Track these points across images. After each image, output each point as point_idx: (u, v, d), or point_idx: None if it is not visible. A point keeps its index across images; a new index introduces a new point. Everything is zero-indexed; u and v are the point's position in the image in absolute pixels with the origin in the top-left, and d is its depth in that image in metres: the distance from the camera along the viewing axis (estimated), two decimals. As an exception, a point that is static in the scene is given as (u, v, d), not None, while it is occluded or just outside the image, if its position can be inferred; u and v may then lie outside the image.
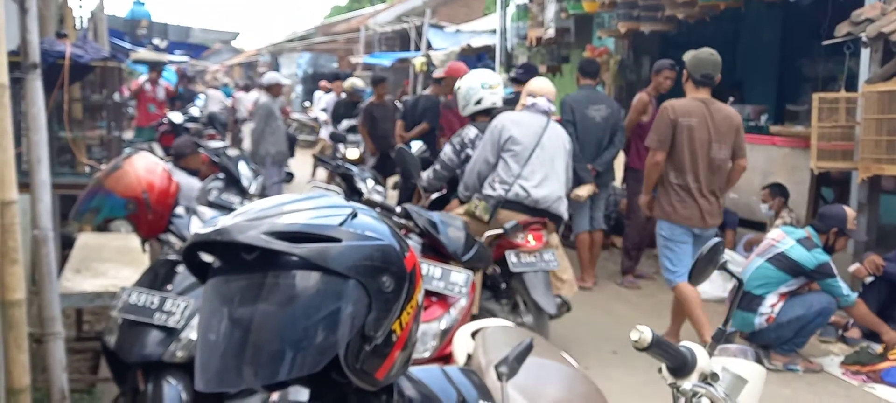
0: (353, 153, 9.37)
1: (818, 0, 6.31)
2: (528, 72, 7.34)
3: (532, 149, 4.77)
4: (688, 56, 5.19)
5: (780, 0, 6.58)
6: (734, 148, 4.97)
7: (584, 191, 6.34)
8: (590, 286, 6.84)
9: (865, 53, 5.77)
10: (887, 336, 5.10)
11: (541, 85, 5.24)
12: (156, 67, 13.31)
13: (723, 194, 5.11)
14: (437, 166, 5.05)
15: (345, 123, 10.52)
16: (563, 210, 4.91)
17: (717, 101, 5.04)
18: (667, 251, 5.08)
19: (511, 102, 6.58)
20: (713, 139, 4.89)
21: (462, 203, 4.83)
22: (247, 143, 11.69)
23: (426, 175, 5.09)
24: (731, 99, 8.47)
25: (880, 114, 5.35)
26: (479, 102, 5.17)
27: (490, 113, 5.15)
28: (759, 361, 1.71)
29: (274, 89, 9.33)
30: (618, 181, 7.69)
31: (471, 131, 5.08)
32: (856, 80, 6.08)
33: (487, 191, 4.71)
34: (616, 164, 7.14)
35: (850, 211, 5.12)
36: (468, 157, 4.94)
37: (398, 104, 10.15)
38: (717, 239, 1.70)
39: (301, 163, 12.73)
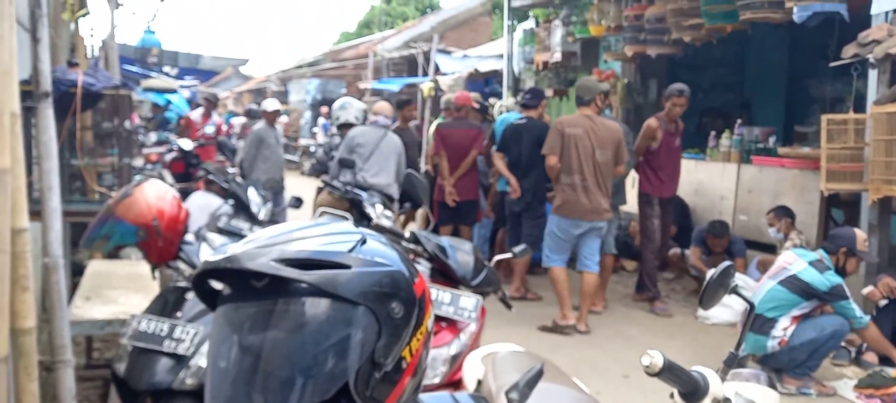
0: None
1: (825, 21, 6.31)
2: (535, 96, 7.56)
3: (372, 151, 6.78)
4: (578, 83, 6.71)
5: (787, 22, 6.58)
6: (615, 155, 6.17)
7: None
8: (600, 310, 6.82)
9: (873, 74, 5.76)
10: None
11: (381, 107, 7.46)
12: (212, 103, 12.99)
13: (608, 193, 6.24)
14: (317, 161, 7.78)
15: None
16: (393, 192, 6.47)
17: (599, 117, 6.28)
18: (551, 240, 6.33)
19: (522, 126, 7.26)
20: (596, 147, 6.09)
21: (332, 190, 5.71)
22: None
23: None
24: (739, 121, 8.47)
25: (889, 135, 5.33)
26: (337, 119, 7.80)
27: (349, 126, 7.48)
28: (771, 385, 1.70)
29: (269, 116, 9.14)
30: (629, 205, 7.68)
31: (336, 139, 7.60)
32: (864, 101, 6.07)
33: (343, 178, 6.26)
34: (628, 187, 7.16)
35: (860, 232, 5.10)
36: (333, 157, 7.18)
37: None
38: (728, 263, 1.70)
39: (310, 187, 12.76)
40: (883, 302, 5.41)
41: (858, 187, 5.81)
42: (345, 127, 7.60)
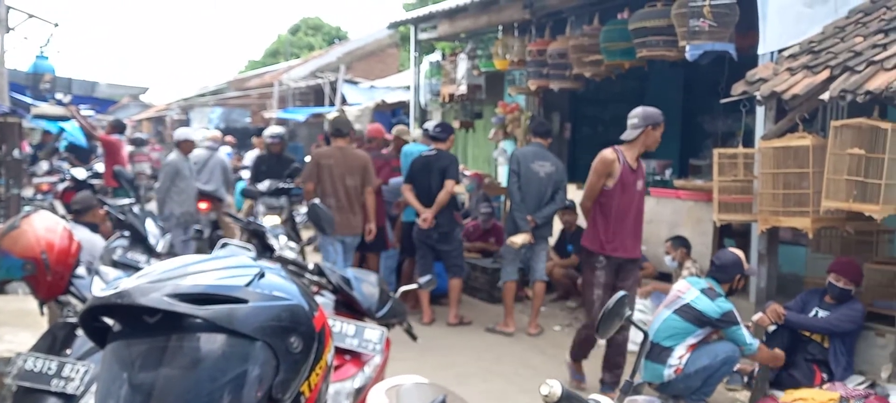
0: (271, 220, 7.87)
1: (716, 60, 6.62)
2: (445, 130, 7.73)
3: (202, 166, 9.25)
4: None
5: (681, 60, 6.88)
6: (362, 179, 7.21)
7: (519, 239, 6.84)
8: (512, 331, 7.08)
9: (760, 111, 6.06)
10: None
11: (211, 134, 10.86)
12: (117, 129, 12.23)
13: (357, 212, 7.18)
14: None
15: (267, 183, 9.13)
16: (220, 195, 9.32)
17: (350, 147, 7.48)
18: (323, 251, 7.14)
19: (432, 158, 7.42)
20: (346, 173, 7.15)
21: None
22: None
23: None
24: (638, 154, 8.76)
25: (776, 169, 5.61)
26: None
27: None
28: (666, 411, 1.75)
29: (184, 146, 8.86)
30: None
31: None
32: (753, 136, 6.38)
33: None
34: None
35: (738, 252, 5.36)
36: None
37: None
38: (622, 293, 1.74)
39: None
40: (772, 328, 5.65)
41: (748, 218, 6.08)
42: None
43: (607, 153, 5.53)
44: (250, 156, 13.06)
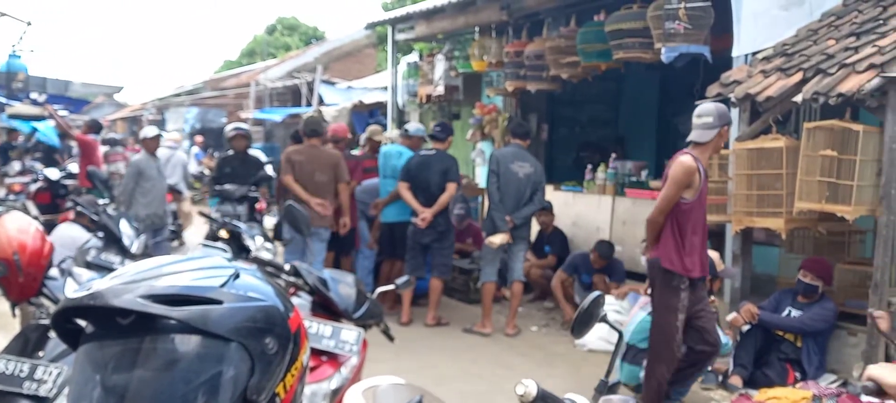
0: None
1: (691, 62, 6.68)
2: (445, 130, 7.79)
3: (165, 163, 9.52)
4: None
5: (657, 62, 6.93)
6: (334, 175, 7.42)
7: (498, 239, 6.90)
8: (490, 332, 7.12)
9: (735, 113, 6.13)
10: None
11: (171, 135, 11.68)
12: (93, 129, 11.54)
13: (331, 204, 7.37)
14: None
15: (232, 187, 8.31)
16: (180, 189, 10.12)
17: (323, 147, 7.68)
18: (291, 246, 7.09)
19: (432, 157, 7.53)
20: (316, 170, 7.36)
21: None
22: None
23: None
24: (613, 155, 8.82)
25: (750, 170, 5.67)
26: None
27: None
28: (640, 411, 1.76)
29: (148, 143, 8.44)
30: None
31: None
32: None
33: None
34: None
35: (713, 253, 5.40)
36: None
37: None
38: (598, 293, 1.75)
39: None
40: (746, 328, 5.71)
41: (723, 219, 6.14)
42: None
43: (688, 161, 4.64)
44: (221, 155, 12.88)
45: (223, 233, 5.60)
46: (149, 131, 8.93)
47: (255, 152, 9.68)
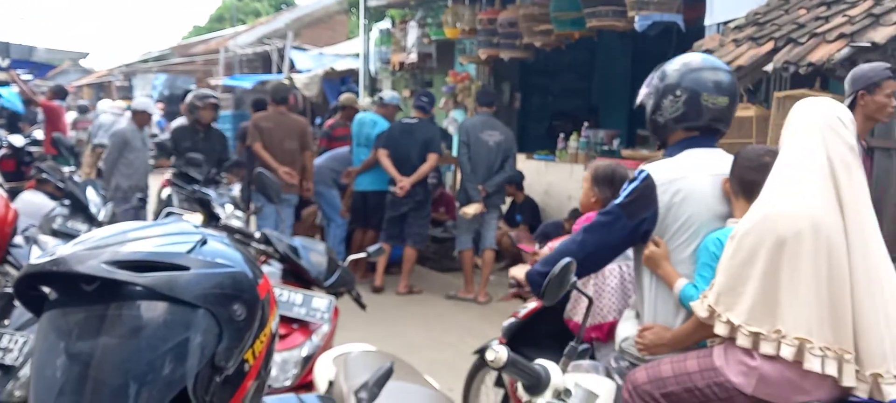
0: (194, 218, 5.45)
1: (664, 31, 6.70)
2: (431, 101, 7.79)
3: (108, 129, 9.48)
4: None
5: (630, 31, 6.94)
6: (300, 142, 7.44)
7: (472, 209, 6.96)
8: (473, 297, 7.25)
9: (706, 82, 6.16)
10: None
11: (116, 104, 11.34)
12: (58, 94, 11.30)
13: (297, 173, 7.37)
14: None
15: (192, 171, 6.90)
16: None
17: (290, 113, 7.71)
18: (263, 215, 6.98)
19: (414, 126, 7.40)
20: (285, 137, 7.37)
21: None
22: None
23: None
24: (586, 124, 8.84)
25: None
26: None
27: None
28: (609, 376, 1.77)
29: (138, 117, 8.13)
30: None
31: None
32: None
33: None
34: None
35: None
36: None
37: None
38: (568, 259, 1.76)
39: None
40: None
41: (693, 187, 6.18)
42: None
43: None
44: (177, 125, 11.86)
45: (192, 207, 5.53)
46: (141, 104, 8.58)
47: (216, 127, 8.37)
